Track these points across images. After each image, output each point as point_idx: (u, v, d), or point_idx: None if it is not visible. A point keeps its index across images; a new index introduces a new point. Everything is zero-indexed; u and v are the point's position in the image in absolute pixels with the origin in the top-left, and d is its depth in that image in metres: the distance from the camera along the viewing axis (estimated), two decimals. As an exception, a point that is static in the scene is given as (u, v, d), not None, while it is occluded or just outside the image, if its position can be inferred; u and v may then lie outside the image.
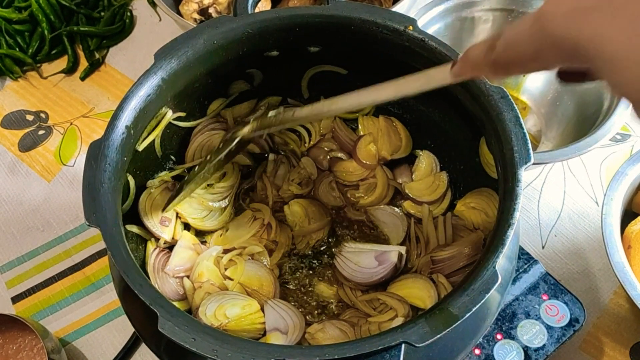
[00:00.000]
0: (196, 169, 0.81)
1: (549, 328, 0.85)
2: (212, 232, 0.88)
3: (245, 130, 0.78)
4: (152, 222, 0.80)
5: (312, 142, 0.96)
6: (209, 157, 0.80)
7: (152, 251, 0.81)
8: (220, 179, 0.90)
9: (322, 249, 0.88)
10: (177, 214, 0.85)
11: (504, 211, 0.62)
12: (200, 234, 0.88)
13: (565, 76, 0.53)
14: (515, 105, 0.67)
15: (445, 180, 0.89)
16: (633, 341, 0.92)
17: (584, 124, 1.01)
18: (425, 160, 0.91)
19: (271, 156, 0.93)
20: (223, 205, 0.89)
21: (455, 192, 0.89)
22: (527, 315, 0.86)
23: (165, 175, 0.86)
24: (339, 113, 0.71)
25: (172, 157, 0.89)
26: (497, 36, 0.48)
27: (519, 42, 0.45)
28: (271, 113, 0.77)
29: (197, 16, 1.12)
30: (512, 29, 0.46)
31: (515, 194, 0.62)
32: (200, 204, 0.87)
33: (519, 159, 0.64)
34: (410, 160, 0.93)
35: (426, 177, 0.90)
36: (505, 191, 0.64)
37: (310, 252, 0.88)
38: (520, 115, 0.66)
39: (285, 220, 0.89)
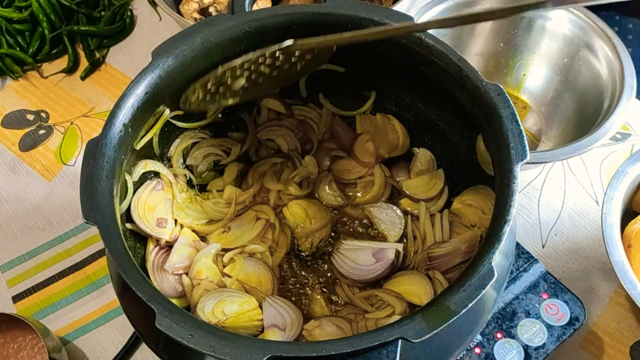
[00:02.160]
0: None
1: (549, 327, 0.85)
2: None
3: (289, 42, 0.73)
4: (149, 226, 0.80)
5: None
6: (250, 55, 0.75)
7: (152, 249, 0.81)
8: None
9: (326, 247, 0.88)
10: (175, 220, 0.85)
11: (500, 208, 0.62)
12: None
13: None
14: (511, 102, 0.67)
15: (442, 177, 0.89)
16: (633, 340, 0.92)
17: (584, 123, 1.01)
18: (423, 158, 0.91)
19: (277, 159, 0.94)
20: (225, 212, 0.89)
21: (452, 189, 0.89)
22: (527, 314, 0.86)
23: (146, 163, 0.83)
24: (383, 37, 0.70)
25: (170, 156, 0.88)
26: None
27: None
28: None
29: (197, 15, 1.13)
30: None
31: (511, 191, 0.62)
32: (202, 212, 0.88)
33: (515, 155, 0.64)
34: (407, 158, 0.93)
35: (423, 174, 0.90)
36: (501, 188, 0.63)
37: (314, 250, 0.88)
38: (516, 112, 0.66)
39: (285, 221, 0.90)
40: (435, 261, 0.78)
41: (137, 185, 0.82)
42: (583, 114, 1.05)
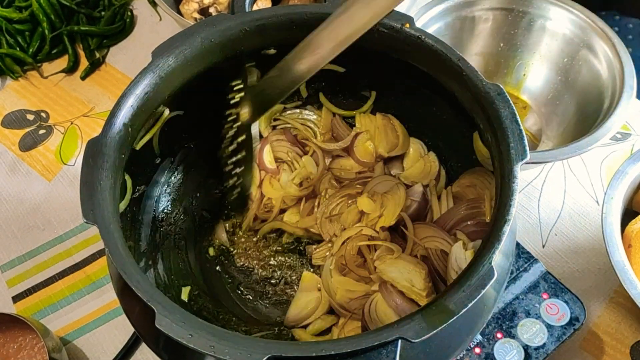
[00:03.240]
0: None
1: (549, 327, 0.85)
2: None
3: None
4: None
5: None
6: None
7: None
8: None
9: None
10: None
11: (500, 207, 0.62)
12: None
13: None
14: (511, 102, 0.67)
15: (435, 159, 0.90)
16: (633, 340, 0.91)
17: (584, 122, 1.01)
18: (412, 147, 0.92)
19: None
20: None
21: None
22: (528, 314, 0.86)
23: None
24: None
25: (170, 157, 0.88)
26: None
27: None
28: None
29: (197, 15, 1.13)
30: None
31: (511, 190, 0.62)
32: None
33: (515, 155, 0.64)
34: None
35: (417, 162, 0.91)
36: (501, 187, 0.63)
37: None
38: (516, 112, 0.66)
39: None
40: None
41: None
42: (583, 114, 1.05)
